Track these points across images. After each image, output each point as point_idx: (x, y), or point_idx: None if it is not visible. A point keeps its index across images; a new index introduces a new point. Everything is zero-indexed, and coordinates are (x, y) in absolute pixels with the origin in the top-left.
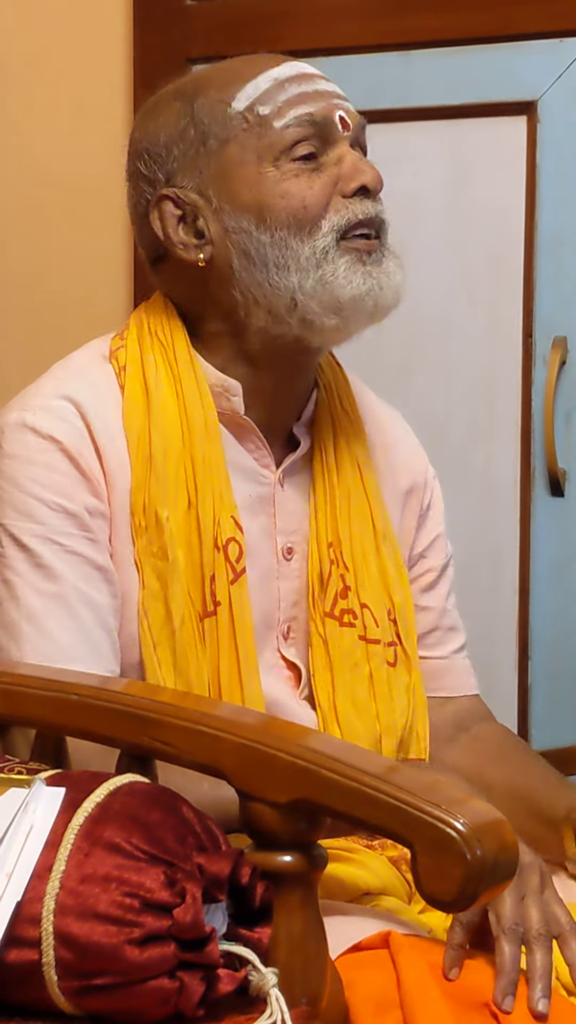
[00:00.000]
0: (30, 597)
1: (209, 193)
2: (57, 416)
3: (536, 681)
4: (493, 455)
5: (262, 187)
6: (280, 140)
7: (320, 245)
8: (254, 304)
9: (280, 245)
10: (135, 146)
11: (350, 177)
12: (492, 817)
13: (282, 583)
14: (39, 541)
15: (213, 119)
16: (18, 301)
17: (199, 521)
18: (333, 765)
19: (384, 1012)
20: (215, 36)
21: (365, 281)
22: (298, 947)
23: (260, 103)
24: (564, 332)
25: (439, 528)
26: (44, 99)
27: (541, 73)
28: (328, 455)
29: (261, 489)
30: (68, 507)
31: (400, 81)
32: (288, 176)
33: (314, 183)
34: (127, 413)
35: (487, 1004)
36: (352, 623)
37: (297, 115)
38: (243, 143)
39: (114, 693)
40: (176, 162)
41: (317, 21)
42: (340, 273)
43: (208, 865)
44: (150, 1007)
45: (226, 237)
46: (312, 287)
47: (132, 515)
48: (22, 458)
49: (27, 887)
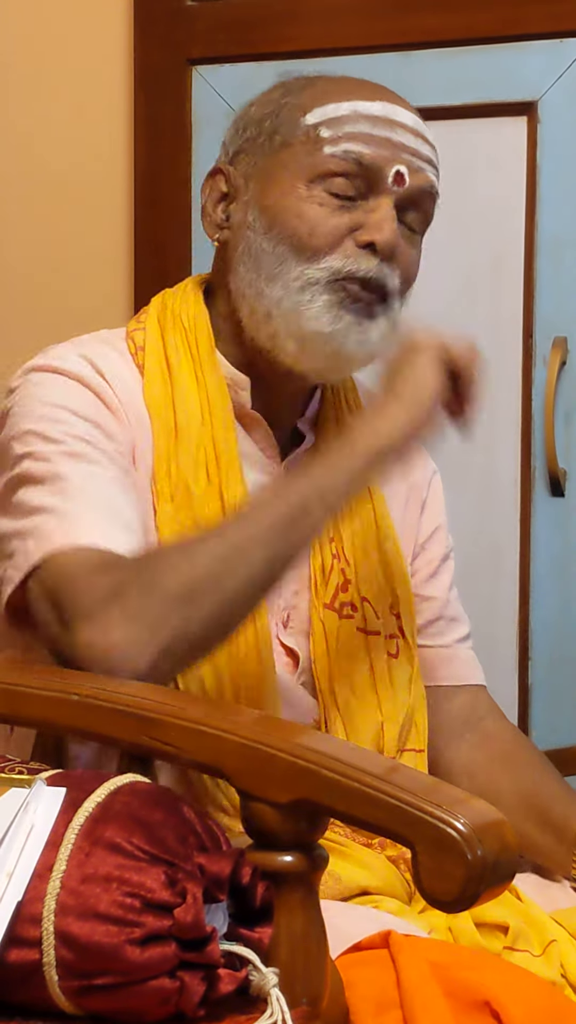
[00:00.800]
0: (70, 468)
1: (250, 184)
2: (80, 364)
3: (536, 681)
4: (493, 455)
5: (286, 199)
6: (321, 165)
7: (311, 275)
8: (241, 298)
9: (277, 257)
10: (237, 115)
11: (366, 229)
12: (493, 817)
13: None
14: (71, 438)
15: (286, 121)
16: (18, 301)
17: (223, 500)
18: (334, 765)
19: (384, 1012)
20: (216, 37)
21: (333, 323)
22: (299, 947)
23: (327, 125)
24: (564, 332)
25: (439, 520)
26: (44, 99)
27: (541, 73)
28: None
29: (267, 479)
30: (96, 419)
31: (400, 81)
32: (313, 201)
33: (333, 219)
34: (148, 388)
35: (487, 1003)
36: (351, 615)
37: (348, 149)
38: (295, 153)
39: (114, 693)
40: (245, 143)
41: (317, 21)
42: (315, 307)
43: (209, 865)
44: (151, 1007)
45: (242, 228)
46: (288, 308)
47: (155, 479)
48: (47, 385)
49: (28, 887)
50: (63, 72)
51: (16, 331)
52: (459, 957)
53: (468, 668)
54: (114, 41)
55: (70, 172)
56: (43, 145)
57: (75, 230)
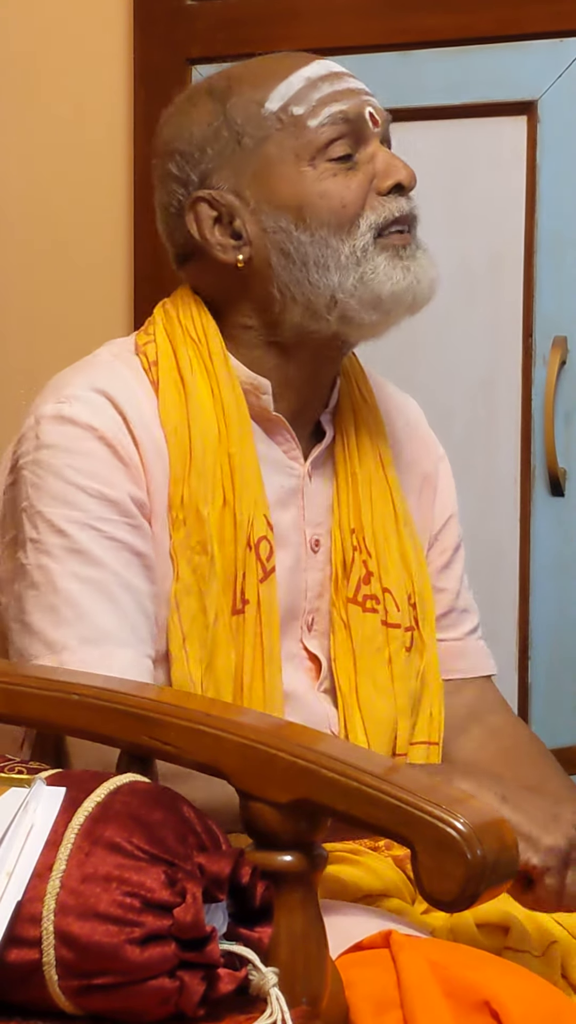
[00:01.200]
0: (69, 581)
1: (246, 193)
2: (93, 406)
3: (536, 680)
4: (493, 455)
5: (301, 186)
6: (316, 139)
7: (360, 244)
8: (291, 301)
9: (320, 244)
10: (166, 146)
11: (385, 175)
12: (492, 817)
13: (309, 575)
14: (77, 527)
15: (247, 119)
16: (17, 301)
17: (235, 519)
18: (334, 765)
19: (384, 1012)
20: (216, 36)
21: (405, 276)
22: (299, 947)
23: (294, 103)
24: (564, 332)
25: (451, 509)
26: (45, 98)
27: (541, 73)
28: (350, 443)
29: (292, 481)
30: (108, 494)
31: (400, 81)
32: (326, 176)
33: (351, 182)
34: (163, 406)
35: (487, 1003)
36: (375, 608)
37: (331, 113)
38: (279, 142)
39: (115, 693)
40: (211, 162)
41: (317, 21)
42: (380, 270)
43: (209, 865)
44: (151, 1007)
45: (264, 237)
46: (352, 285)
47: (170, 508)
48: (60, 447)
49: (28, 886)
50: (63, 71)
51: (16, 330)
52: (459, 957)
53: (478, 659)
54: (114, 40)
55: (70, 171)
56: (43, 144)
57: (75, 229)
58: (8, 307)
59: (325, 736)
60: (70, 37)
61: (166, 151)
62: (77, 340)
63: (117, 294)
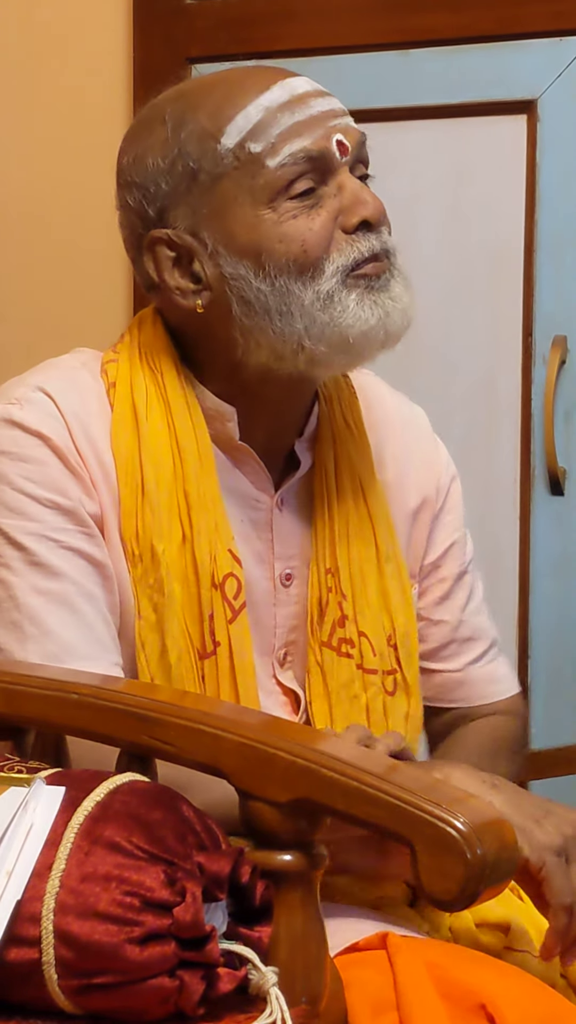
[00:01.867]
0: (29, 596)
1: (203, 235)
2: (42, 410)
3: (536, 680)
4: (493, 454)
5: (259, 231)
6: (275, 181)
7: (324, 289)
8: (255, 346)
9: (281, 292)
10: (123, 175)
11: (351, 211)
12: (492, 816)
13: (279, 609)
14: (34, 539)
15: (202, 155)
16: (15, 301)
17: (195, 557)
18: (334, 764)
19: (381, 1013)
20: (215, 35)
21: (374, 314)
22: (298, 946)
23: (251, 138)
24: (564, 331)
25: (455, 535)
26: (44, 97)
27: (541, 72)
28: (328, 475)
29: (257, 515)
30: (61, 503)
31: (399, 80)
32: (286, 218)
33: (313, 223)
34: (115, 434)
35: (483, 1006)
36: (350, 653)
37: (292, 152)
38: (236, 180)
39: (114, 692)
40: (167, 198)
41: (317, 20)
42: (349, 311)
43: (208, 864)
44: (150, 1006)
45: (224, 283)
46: (319, 330)
47: (124, 541)
48: (12, 455)
49: (27, 886)
50: (63, 70)
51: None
52: (456, 959)
53: (481, 688)
54: (114, 39)
55: (69, 170)
56: (42, 143)
57: (74, 229)
58: (7, 307)
59: (325, 735)
60: (70, 36)
61: (124, 181)
62: (75, 341)
63: (116, 295)
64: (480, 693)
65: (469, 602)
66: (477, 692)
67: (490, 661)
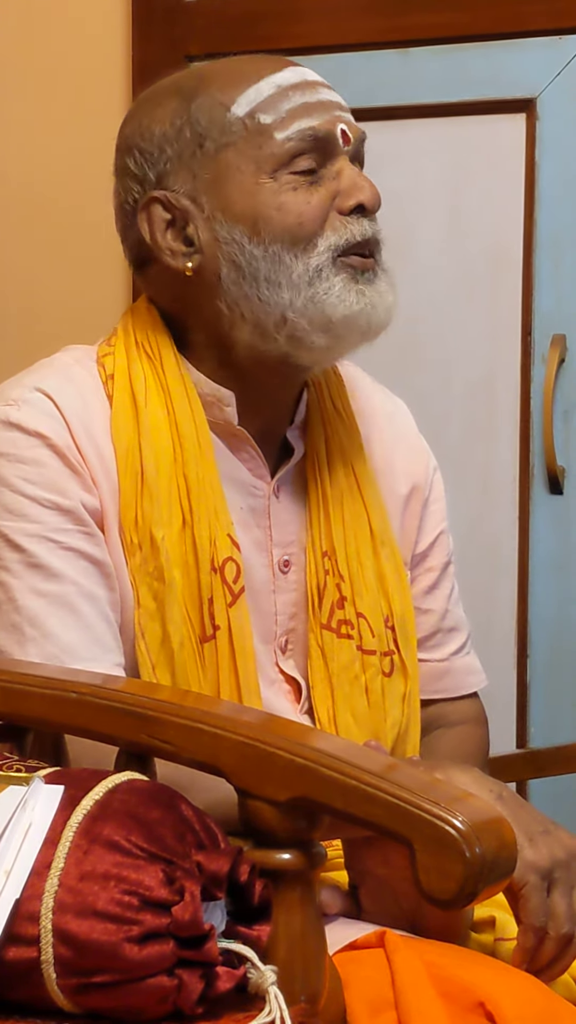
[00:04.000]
0: (29, 598)
1: (202, 200)
2: (40, 410)
3: (535, 679)
4: (492, 453)
5: (258, 198)
6: (280, 152)
7: (314, 263)
8: (240, 318)
9: (273, 259)
10: (125, 141)
11: (348, 194)
12: (491, 815)
13: (279, 596)
14: (34, 540)
15: (211, 122)
16: (15, 299)
17: (195, 542)
18: (332, 763)
19: (379, 1012)
20: (214, 33)
21: (358, 300)
22: (297, 945)
23: (261, 110)
24: (563, 330)
25: (441, 525)
26: (43, 95)
27: (540, 70)
28: (320, 460)
29: (255, 502)
30: (61, 503)
31: (399, 78)
32: (285, 189)
33: (311, 197)
34: (115, 425)
35: (481, 1004)
36: (349, 634)
37: (300, 128)
38: (241, 150)
39: (113, 691)
40: (169, 163)
41: (316, 18)
42: (334, 292)
43: (207, 863)
44: (149, 1005)
45: (216, 247)
46: (303, 304)
47: (123, 530)
48: (10, 456)
49: (26, 884)
50: (61, 68)
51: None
52: (454, 957)
53: (461, 678)
54: (112, 38)
55: (68, 168)
56: (41, 141)
57: (73, 226)
58: (6, 305)
59: (324, 734)
60: (69, 34)
61: (126, 146)
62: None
63: (115, 292)
64: (460, 684)
65: (452, 593)
66: (457, 683)
67: (468, 652)
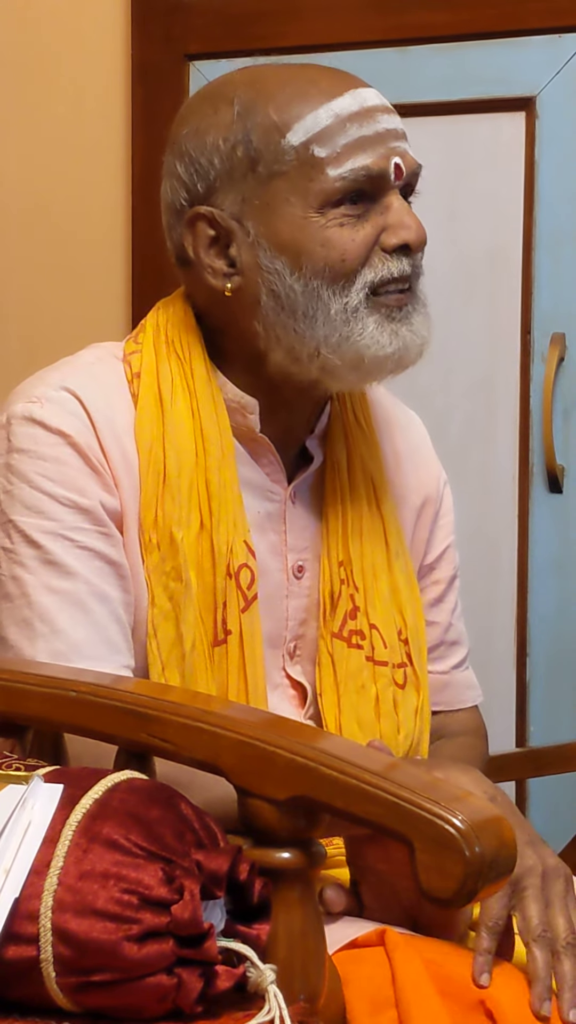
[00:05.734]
0: (42, 594)
1: (248, 223)
2: (64, 409)
3: (534, 677)
4: (491, 451)
5: (305, 231)
6: (332, 191)
7: (352, 302)
8: (275, 341)
9: (311, 295)
10: (178, 144)
11: (393, 231)
12: (490, 814)
13: (291, 601)
14: (50, 537)
15: (266, 146)
16: (15, 298)
17: (213, 546)
18: (332, 762)
19: (380, 1010)
20: (214, 33)
21: (392, 342)
22: (297, 944)
23: (317, 141)
24: (562, 328)
25: (449, 538)
26: (42, 94)
27: (540, 69)
28: (341, 471)
29: (272, 506)
30: (80, 502)
31: (398, 77)
32: (332, 225)
33: (357, 235)
34: (139, 423)
35: (482, 1001)
36: (360, 644)
37: (354, 168)
38: (292, 181)
39: (113, 690)
40: (218, 179)
41: (315, 17)
42: (368, 332)
43: (206, 862)
44: (148, 1003)
45: (257, 272)
46: (337, 342)
47: (142, 529)
48: (32, 453)
49: (25, 883)
50: (61, 67)
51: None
52: (454, 956)
53: (461, 692)
54: (112, 36)
55: (68, 168)
56: (41, 141)
57: (73, 225)
58: (7, 304)
59: (324, 733)
60: (68, 34)
61: (178, 150)
62: (74, 338)
63: (115, 291)
64: (459, 697)
65: (456, 607)
66: (457, 696)
67: (467, 667)
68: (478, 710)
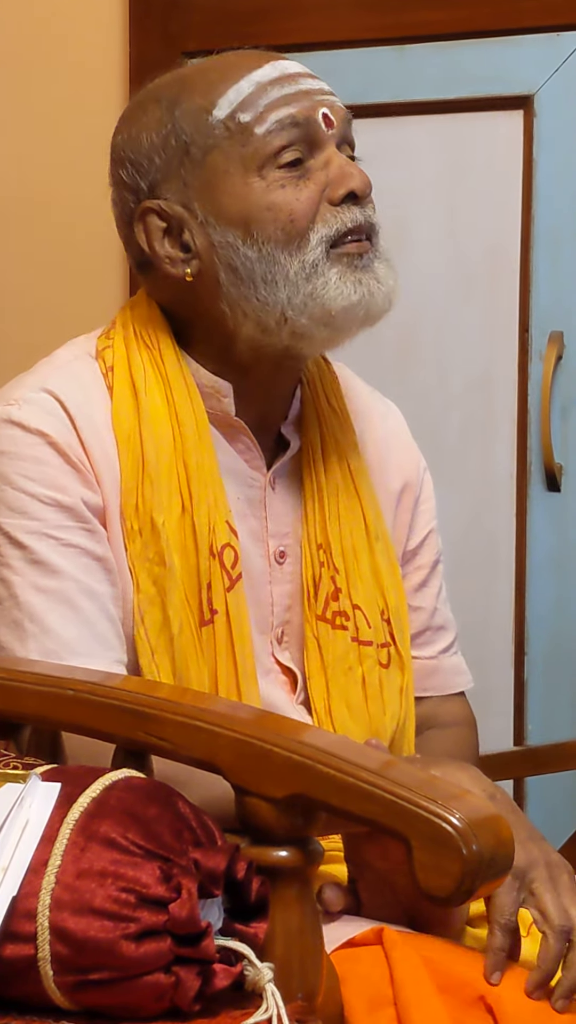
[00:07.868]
0: (30, 594)
1: (194, 206)
2: (42, 409)
3: (532, 676)
4: (490, 450)
5: (248, 199)
6: (264, 147)
7: (309, 259)
8: (242, 317)
9: (268, 260)
10: (117, 152)
11: (338, 183)
12: (488, 812)
13: (275, 587)
14: (35, 537)
15: (195, 128)
16: (12, 295)
17: (195, 527)
18: (329, 760)
19: (378, 1009)
20: (211, 29)
21: (356, 290)
22: (294, 942)
23: (241, 109)
24: (560, 327)
25: (431, 523)
26: (39, 92)
27: (538, 67)
28: (316, 455)
29: (252, 492)
30: (62, 500)
31: (395, 75)
32: (274, 187)
33: (301, 192)
34: (116, 414)
35: (481, 998)
36: (344, 625)
37: (279, 119)
38: (226, 152)
39: (110, 688)
40: (159, 172)
41: (312, 15)
42: (331, 284)
43: (204, 860)
44: (146, 1002)
45: (212, 251)
46: (302, 301)
47: (123, 518)
48: (11, 454)
49: (23, 882)
50: (58, 65)
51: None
52: (452, 953)
53: (450, 677)
54: (109, 34)
55: (65, 165)
56: (38, 138)
57: (70, 222)
58: (4, 302)
59: (321, 731)
60: (65, 30)
61: (117, 157)
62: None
63: (112, 288)
64: (449, 682)
65: (441, 591)
66: (446, 681)
67: (455, 652)
68: (467, 700)
